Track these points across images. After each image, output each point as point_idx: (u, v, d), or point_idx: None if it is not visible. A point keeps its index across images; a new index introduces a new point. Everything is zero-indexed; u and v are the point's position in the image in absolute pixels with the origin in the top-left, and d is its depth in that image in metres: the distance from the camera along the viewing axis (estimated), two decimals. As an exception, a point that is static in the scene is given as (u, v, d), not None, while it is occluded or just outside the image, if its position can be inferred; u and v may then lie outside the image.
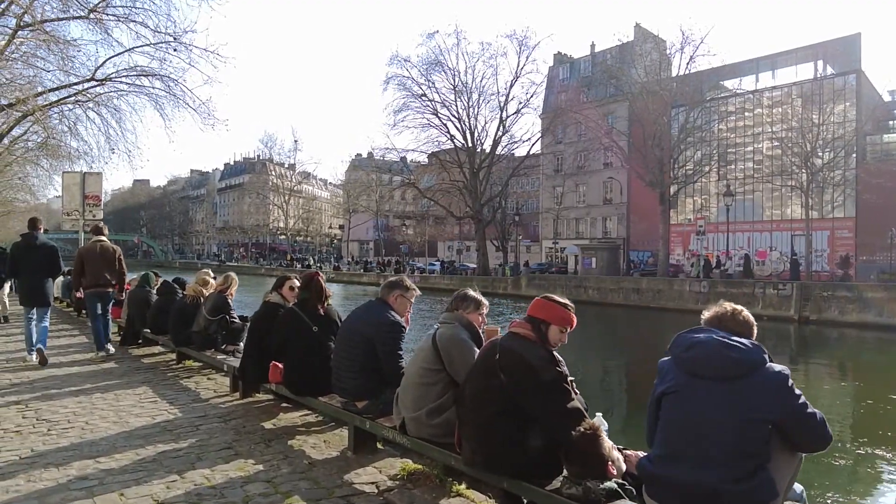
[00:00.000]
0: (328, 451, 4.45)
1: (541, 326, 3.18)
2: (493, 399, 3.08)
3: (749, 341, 2.53)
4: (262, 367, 5.42)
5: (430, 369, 3.68)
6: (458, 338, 3.68)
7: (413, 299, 4.53)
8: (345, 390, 4.41)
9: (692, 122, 40.18)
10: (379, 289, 4.57)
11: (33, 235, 8.67)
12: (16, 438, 4.86)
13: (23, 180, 42.17)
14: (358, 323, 4.41)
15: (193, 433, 4.92)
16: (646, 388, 2.71)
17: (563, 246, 56.75)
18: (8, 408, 5.87)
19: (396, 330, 4.29)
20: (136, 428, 5.11)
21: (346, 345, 4.42)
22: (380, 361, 4.26)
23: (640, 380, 16.35)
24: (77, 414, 5.61)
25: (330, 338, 5.05)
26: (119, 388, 6.73)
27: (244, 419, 5.35)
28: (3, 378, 7.31)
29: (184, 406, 5.86)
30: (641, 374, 17.21)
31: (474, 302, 3.86)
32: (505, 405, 3.06)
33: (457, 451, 3.41)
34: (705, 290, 34.71)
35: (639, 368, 17.72)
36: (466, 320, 3.79)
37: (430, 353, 3.70)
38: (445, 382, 3.66)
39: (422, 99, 49.40)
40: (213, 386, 6.80)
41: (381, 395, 4.26)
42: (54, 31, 17.36)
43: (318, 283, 5.20)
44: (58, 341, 10.42)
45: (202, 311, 7.55)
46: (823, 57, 44.26)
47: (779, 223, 45.41)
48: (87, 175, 15.92)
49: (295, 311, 5.14)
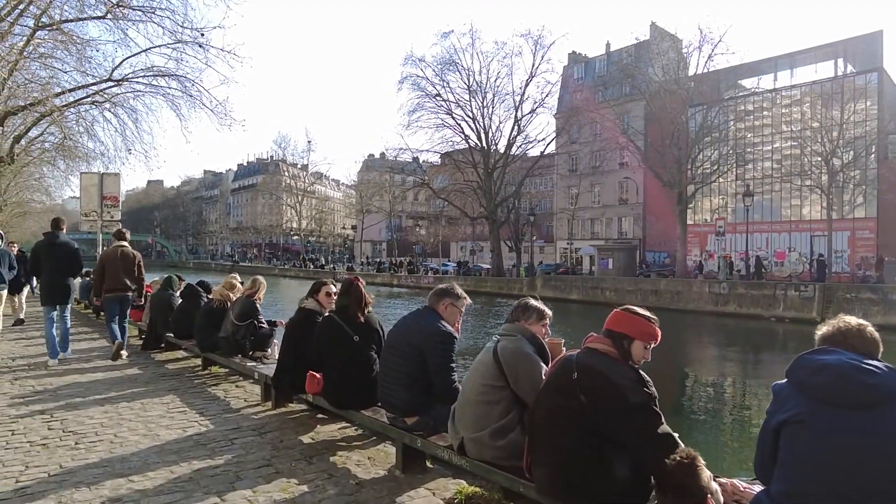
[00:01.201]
0: (375, 470, 4.17)
1: (623, 342, 2.89)
2: (573, 422, 2.79)
3: (884, 364, 2.23)
4: (298, 377, 5.15)
5: (493, 386, 3.38)
6: (523, 352, 3.38)
7: (464, 308, 4.23)
8: (393, 405, 4.13)
9: (710, 122, 39.63)
10: (428, 296, 4.27)
11: (55, 234, 8.79)
12: (43, 453, 4.62)
13: (39, 181, 42.38)
14: (406, 332, 4.11)
15: (229, 448, 4.66)
16: (697, 401, 2.42)
17: (577, 246, 56.31)
18: (33, 418, 5.64)
19: (448, 341, 4.00)
20: (167, 441, 4.86)
21: (393, 356, 4.12)
22: (430, 374, 3.98)
23: (692, 391, 15.89)
24: (104, 425, 5.37)
25: (371, 347, 4.77)
26: (145, 396, 6.49)
27: (280, 432, 5.09)
28: (26, 385, 7.10)
29: (215, 417, 5.61)
30: (689, 383, 16.76)
31: (537, 312, 3.56)
32: (586, 429, 2.76)
33: (525, 476, 3.12)
34: (725, 292, 34.25)
35: (680, 376, 17.25)
36: (530, 332, 3.49)
37: (491, 369, 3.40)
38: (509, 401, 3.36)
39: (436, 99, 49.20)
40: (242, 394, 6.55)
41: (431, 411, 3.99)
42: (71, 31, 17.29)
43: (357, 289, 4.89)
44: (78, 345, 10.22)
45: (229, 316, 7.29)
46: (844, 55, 43.60)
47: (797, 223, 44.79)
48: (104, 176, 15.77)
49: (334, 320, 4.85)
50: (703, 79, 39.54)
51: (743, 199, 38.44)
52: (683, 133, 39.21)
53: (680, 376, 17.07)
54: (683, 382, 16.64)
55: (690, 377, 17.66)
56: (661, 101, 39.54)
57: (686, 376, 17.54)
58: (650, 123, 42.87)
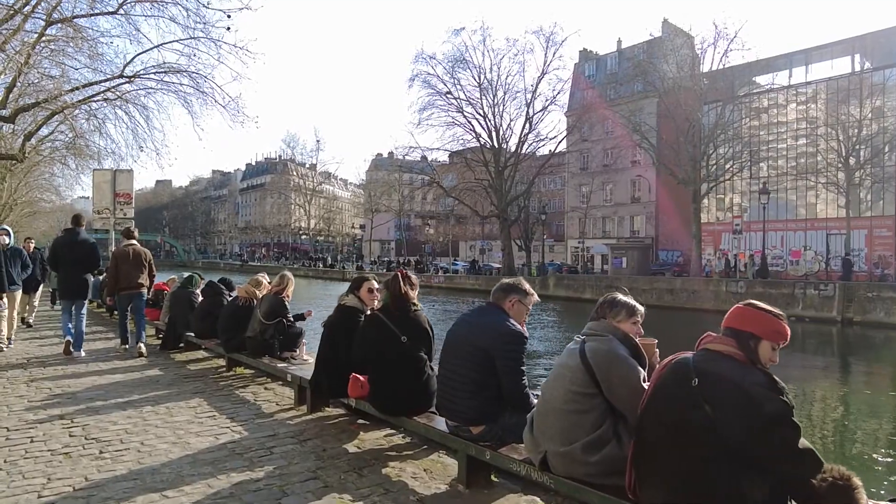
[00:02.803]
0: (434, 484, 3.76)
1: (749, 342, 2.48)
2: (698, 438, 2.37)
3: None
4: (340, 380, 4.75)
5: (582, 393, 2.95)
6: (617, 354, 2.95)
7: (531, 306, 3.81)
8: (455, 412, 3.70)
9: (726, 119, 39.03)
10: (491, 291, 3.85)
11: (75, 231, 8.97)
12: (66, 463, 4.23)
13: (48, 180, 42.23)
14: (470, 332, 3.68)
15: (268, 458, 4.26)
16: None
17: (589, 245, 55.78)
18: (52, 423, 5.26)
19: (518, 341, 3.58)
20: (199, 451, 4.45)
21: (456, 358, 3.69)
22: (498, 379, 3.57)
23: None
24: (129, 432, 4.97)
25: (420, 348, 4.37)
26: (170, 399, 6.11)
27: (321, 440, 4.67)
28: (42, 387, 6.72)
29: (247, 422, 5.21)
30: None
31: (627, 308, 3.13)
32: (713, 445, 2.35)
33: (627, 497, 2.70)
34: (742, 291, 33.69)
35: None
36: (621, 332, 3.05)
37: (579, 373, 2.97)
38: (602, 409, 2.93)
39: (447, 97, 48.73)
40: (272, 397, 6.15)
41: (499, 419, 3.58)
42: (83, 27, 17.01)
43: (405, 284, 4.48)
44: (94, 345, 9.88)
45: (256, 315, 6.89)
46: (861, 51, 42.97)
47: (813, 222, 44.20)
48: (117, 172, 15.45)
49: (379, 319, 4.43)
50: (718, 75, 38.96)
51: (759, 196, 37.85)
52: (698, 130, 38.66)
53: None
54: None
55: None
56: (676, 97, 38.97)
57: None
58: (662, 121, 42.29)
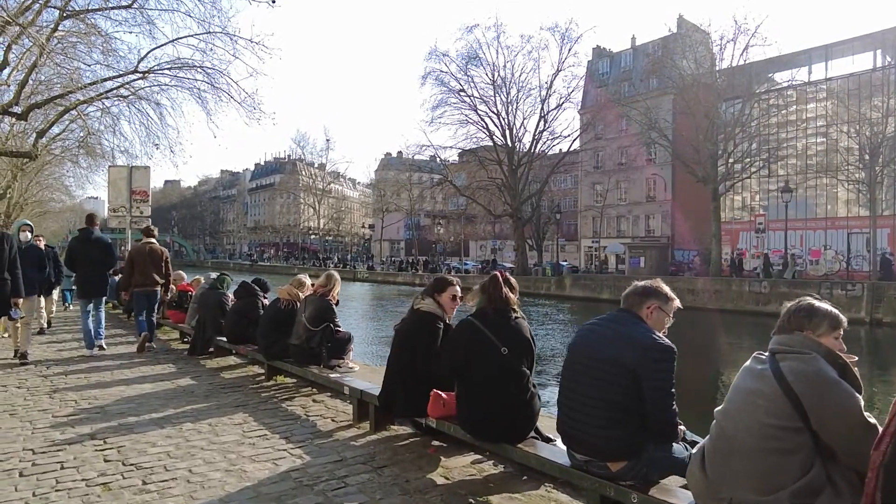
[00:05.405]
0: (558, 531, 3.11)
1: None
2: None
3: None
4: (420, 396, 4.10)
5: (783, 427, 2.27)
6: (828, 377, 2.27)
7: (672, 314, 3.14)
8: (586, 443, 3.01)
9: (745, 116, 38.18)
10: (623, 296, 3.17)
11: (90, 230, 9.06)
12: (105, 497, 3.57)
13: (59, 180, 41.82)
14: (606, 346, 2.98)
15: (343, 491, 3.59)
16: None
17: (604, 245, 55.00)
18: (83, 444, 4.61)
19: (670, 359, 2.88)
20: (259, 481, 3.79)
21: (586, 377, 3.00)
22: (643, 404, 2.90)
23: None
24: (172, 456, 4.32)
25: (523, 362, 3.70)
26: (210, 414, 5.46)
27: (398, 467, 4.00)
28: (66, 399, 6.10)
29: (306, 444, 4.54)
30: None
31: (829, 318, 2.46)
32: None
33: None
34: (766, 291, 33.00)
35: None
36: (825, 349, 2.40)
37: (778, 402, 2.29)
38: (809, 448, 2.28)
39: (460, 94, 48.17)
40: (325, 412, 5.49)
41: (643, 453, 2.91)
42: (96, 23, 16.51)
43: (505, 287, 3.82)
44: (115, 349, 9.30)
45: (301, 319, 6.24)
46: (882, 46, 42.10)
47: (833, 221, 43.34)
48: (134, 169, 14.94)
49: (475, 326, 3.74)
50: (736, 71, 38.11)
51: (780, 194, 37.09)
52: (717, 127, 37.83)
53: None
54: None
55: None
56: (694, 94, 38.14)
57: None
58: (679, 118, 41.49)
